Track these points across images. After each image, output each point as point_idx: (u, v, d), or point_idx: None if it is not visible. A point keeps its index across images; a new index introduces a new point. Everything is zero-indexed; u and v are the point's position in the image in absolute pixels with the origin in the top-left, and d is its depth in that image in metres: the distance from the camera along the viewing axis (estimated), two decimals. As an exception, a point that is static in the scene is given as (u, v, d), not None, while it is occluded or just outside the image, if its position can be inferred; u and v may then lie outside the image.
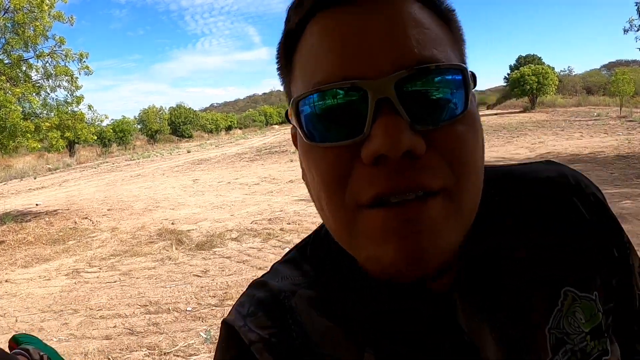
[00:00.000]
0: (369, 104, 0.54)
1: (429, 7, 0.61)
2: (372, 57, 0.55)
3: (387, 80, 0.53)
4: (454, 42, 0.64)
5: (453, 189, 0.55)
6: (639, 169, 13.75)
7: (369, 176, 0.54)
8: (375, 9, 0.57)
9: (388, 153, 0.52)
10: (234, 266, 7.56)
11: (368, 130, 0.54)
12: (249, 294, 0.75)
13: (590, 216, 0.76)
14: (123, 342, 5.09)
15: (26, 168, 37.61)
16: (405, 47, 0.55)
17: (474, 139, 0.59)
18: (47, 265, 8.86)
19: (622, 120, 32.48)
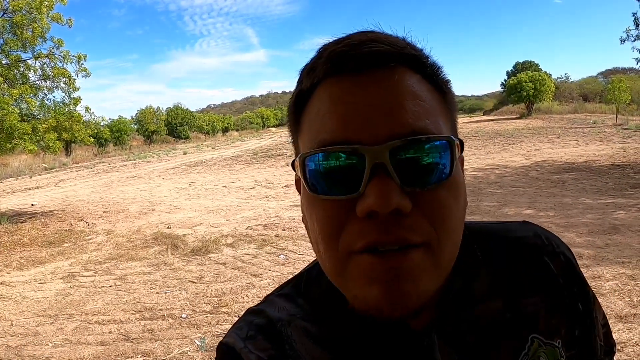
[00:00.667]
0: (365, 167, 0.62)
1: (427, 80, 0.70)
2: (371, 125, 0.63)
3: (383, 148, 0.62)
4: (447, 112, 0.73)
5: (433, 243, 0.64)
6: (634, 178, 13.79)
7: (361, 228, 0.63)
8: (378, 80, 0.66)
9: (379, 210, 0.60)
10: (229, 273, 7.60)
11: (363, 189, 0.62)
12: (246, 319, 0.83)
13: (558, 273, 0.85)
14: (118, 349, 5.13)
15: (22, 167, 37.47)
16: (401, 117, 0.64)
17: (455, 203, 0.67)
18: (43, 268, 8.88)
19: (618, 128, 32.51)
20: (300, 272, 0.91)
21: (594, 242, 7.70)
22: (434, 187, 0.64)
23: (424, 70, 0.70)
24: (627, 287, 5.72)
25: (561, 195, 11.96)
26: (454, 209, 0.67)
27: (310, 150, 0.68)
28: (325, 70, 0.69)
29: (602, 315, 0.94)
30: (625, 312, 5.02)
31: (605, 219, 9.13)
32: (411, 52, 0.69)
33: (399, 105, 0.64)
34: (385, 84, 0.66)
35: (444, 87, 0.73)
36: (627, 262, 6.59)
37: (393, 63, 0.67)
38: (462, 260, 0.75)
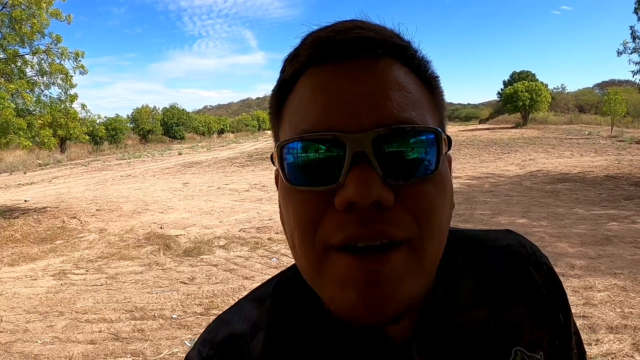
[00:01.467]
0: (346, 156, 0.59)
1: (415, 73, 0.68)
2: (354, 114, 0.61)
3: (366, 136, 0.59)
4: (434, 108, 0.70)
5: (416, 241, 0.61)
6: (628, 190, 13.84)
7: (340, 221, 0.59)
8: (362, 69, 0.63)
9: (358, 201, 0.57)
10: (221, 275, 7.59)
11: (343, 180, 0.59)
12: (212, 331, 0.80)
13: (542, 284, 0.84)
14: (108, 348, 5.11)
15: (16, 162, 37.35)
16: (385, 107, 0.61)
17: (441, 198, 0.64)
18: (34, 265, 8.85)
19: (612, 140, 32.64)
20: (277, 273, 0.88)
21: (587, 252, 7.72)
22: (419, 180, 0.62)
23: (411, 63, 0.68)
24: (618, 298, 5.73)
25: (555, 205, 12.00)
26: (440, 206, 0.64)
27: (289, 138, 0.65)
28: (309, 56, 0.66)
29: (574, 324, 0.92)
30: (617, 323, 5.03)
31: (598, 230, 9.16)
32: (399, 42, 0.67)
33: (385, 95, 0.62)
34: (371, 72, 0.63)
35: (432, 82, 0.71)
36: (619, 273, 6.61)
37: (380, 51, 0.64)
38: (444, 267, 0.73)
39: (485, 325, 0.77)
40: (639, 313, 5.25)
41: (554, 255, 7.68)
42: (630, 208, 11.35)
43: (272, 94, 0.74)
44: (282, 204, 0.71)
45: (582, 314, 5.30)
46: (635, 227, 9.35)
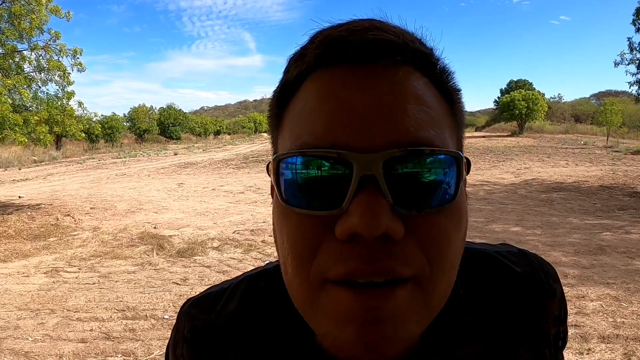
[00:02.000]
0: (352, 178, 0.51)
1: (436, 85, 0.60)
2: (365, 128, 0.53)
3: (377, 157, 0.51)
4: (454, 126, 0.62)
5: (425, 278, 0.54)
6: (622, 200, 13.88)
7: (340, 253, 0.52)
8: (378, 76, 0.55)
9: (363, 233, 0.49)
10: (214, 276, 7.57)
11: (347, 206, 0.51)
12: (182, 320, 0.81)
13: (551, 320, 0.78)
14: (99, 347, 5.09)
15: (11, 158, 37.22)
16: (402, 123, 0.53)
17: (455, 232, 0.57)
18: (27, 262, 8.81)
19: (608, 150, 32.71)
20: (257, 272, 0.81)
21: (580, 262, 7.73)
22: (433, 211, 0.53)
23: (432, 73, 0.60)
24: (611, 308, 5.73)
25: (549, 214, 12.01)
26: (454, 240, 0.56)
27: (288, 152, 0.56)
28: (317, 56, 0.58)
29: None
30: (609, 332, 5.03)
31: (592, 239, 9.17)
32: (421, 48, 0.59)
33: (401, 109, 0.54)
34: (388, 81, 0.55)
35: (453, 96, 0.63)
36: (612, 283, 6.62)
37: (399, 57, 0.56)
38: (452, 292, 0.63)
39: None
40: (631, 323, 5.26)
41: (548, 264, 7.69)
42: (624, 218, 11.38)
43: (272, 95, 0.66)
44: (275, 223, 0.62)
45: (574, 323, 5.30)
46: (629, 237, 9.36)
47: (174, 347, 0.80)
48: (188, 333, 0.77)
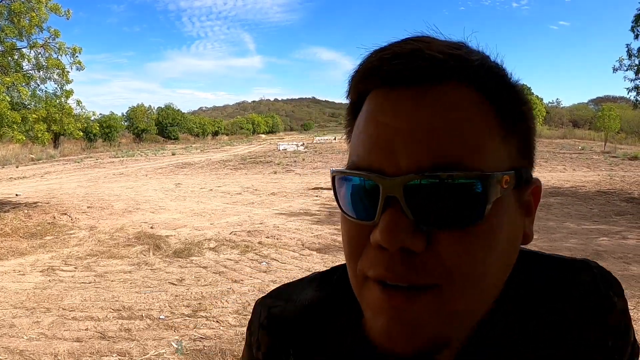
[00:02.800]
0: (379, 198, 0.57)
1: (488, 99, 0.60)
2: (392, 153, 0.57)
3: (397, 181, 0.55)
4: (509, 140, 0.61)
5: (445, 289, 0.57)
6: (619, 206, 13.91)
7: (373, 258, 0.58)
8: (414, 99, 0.57)
9: (385, 245, 0.55)
10: (210, 277, 7.56)
11: (377, 219, 0.57)
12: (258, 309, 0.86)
13: (609, 332, 0.73)
14: (94, 346, 5.08)
15: (9, 156, 37.23)
16: (427, 146, 0.55)
17: (482, 252, 0.58)
18: (23, 260, 8.80)
19: (605, 155, 32.80)
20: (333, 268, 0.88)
21: (576, 268, 7.74)
22: (455, 229, 0.56)
23: (482, 87, 0.60)
24: (606, 314, 5.74)
25: (546, 218, 12.02)
26: (480, 259, 0.57)
27: (340, 170, 0.64)
28: (367, 80, 0.62)
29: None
30: (603, 339, 5.04)
31: (589, 244, 9.19)
32: (465, 63, 0.59)
33: (428, 132, 0.56)
34: (423, 103, 0.57)
35: (512, 109, 0.63)
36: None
37: (441, 76, 0.58)
38: (511, 296, 0.69)
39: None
40: (627, 329, 5.27)
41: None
42: (621, 224, 11.40)
43: (347, 108, 0.70)
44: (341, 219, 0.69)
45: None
46: (626, 242, 9.38)
47: (249, 335, 0.87)
48: (264, 320, 0.83)
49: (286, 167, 29.37)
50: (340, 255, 8.75)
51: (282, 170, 27.63)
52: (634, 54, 17.72)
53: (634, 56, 17.78)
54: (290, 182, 21.78)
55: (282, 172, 26.62)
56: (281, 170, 27.27)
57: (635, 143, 47.03)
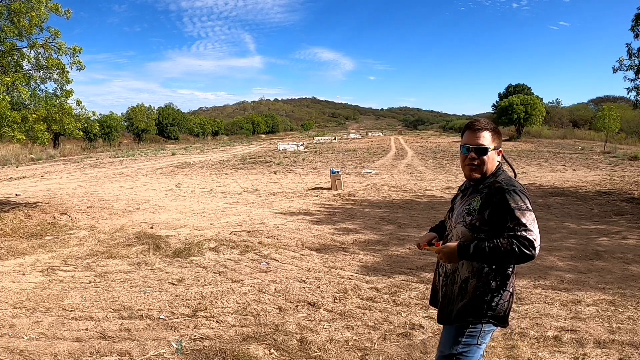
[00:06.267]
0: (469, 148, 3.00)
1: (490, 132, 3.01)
2: (471, 142, 2.99)
3: (472, 148, 2.98)
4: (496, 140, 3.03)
5: (482, 168, 2.99)
6: (619, 206, 13.92)
7: (467, 162, 3.01)
8: (475, 132, 2.99)
9: (469, 158, 3.00)
10: (210, 277, 7.56)
11: (468, 153, 3.00)
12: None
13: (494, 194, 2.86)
14: (94, 346, 5.07)
15: (9, 155, 37.22)
16: (478, 141, 2.97)
17: (490, 162, 3.00)
18: (23, 260, 8.79)
19: (605, 155, 32.80)
20: None
21: (576, 266, 7.75)
22: (483, 154, 2.95)
23: (492, 131, 3.04)
24: (607, 313, 5.74)
25: (546, 219, 12.03)
26: (491, 160, 2.97)
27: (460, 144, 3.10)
28: (465, 127, 3.09)
29: (513, 222, 2.69)
30: (604, 337, 5.03)
31: (589, 244, 9.19)
32: (489, 126, 3.01)
33: (479, 137, 2.96)
34: (477, 134, 2.97)
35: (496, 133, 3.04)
36: (607, 288, 6.63)
37: (481, 128, 2.99)
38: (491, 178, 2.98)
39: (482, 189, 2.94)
40: (627, 328, 5.26)
41: (544, 268, 7.69)
42: (621, 224, 11.40)
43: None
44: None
45: (570, 327, 5.30)
46: (626, 242, 9.39)
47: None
48: None
49: (286, 167, 29.38)
50: (339, 255, 8.76)
51: (282, 170, 27.63)
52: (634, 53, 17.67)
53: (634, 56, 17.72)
54: (290, 182, 21.80)
55: (282, 172, 26.65)
56: (281, 170, 27.29)
57: (635, 143, 47.01)
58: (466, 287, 2.86)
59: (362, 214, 13.10)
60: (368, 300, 6.38)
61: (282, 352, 4.88)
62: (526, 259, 2.61)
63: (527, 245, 2.57)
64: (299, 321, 5.69)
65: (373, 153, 41.14)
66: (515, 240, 2.59)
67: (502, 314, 2.83)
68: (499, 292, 2.81)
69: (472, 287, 2.83)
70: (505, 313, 2.86)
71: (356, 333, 5.32)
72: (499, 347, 4.86)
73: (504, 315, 2.85)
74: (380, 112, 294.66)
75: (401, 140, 65.48)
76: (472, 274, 2.84)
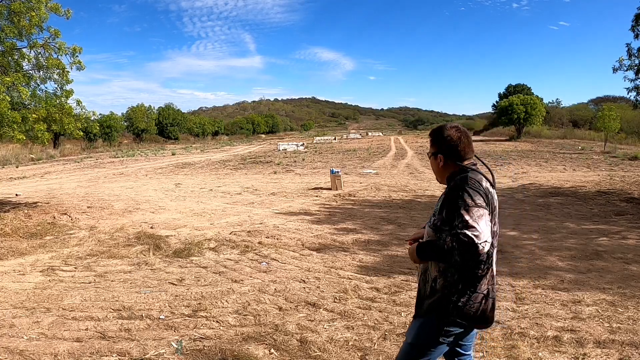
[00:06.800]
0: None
1: (429, 137, 3.17)
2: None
3: (430, 151, 3.14)
4: (434, 146, 3.08)
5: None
6: (619, 206, 13.91)
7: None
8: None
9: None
10: (210, 277, 7.56)
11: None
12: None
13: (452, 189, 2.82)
14: (94, 346, 5.06)
15: (9, 155, 37.22)
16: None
17: (435, 165, 3.09)
18: (23, 260, 8.79)
19: (605, 155, 32.78)
20: None
21: (577, 266, 7.74)
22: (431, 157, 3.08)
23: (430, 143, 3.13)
24: (607, 313, 5.74)
25: (546, 218, 12.03)
26: (433, 167, 3.11)
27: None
28: None
29: (458, 220, 2.62)
30: (604, 337, 5.03)
31: (589, 244, 9.19)
32: (430, 134, 3.11)
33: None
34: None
35: (433, 138, 3.08)
36: (607, 288, 6.62)
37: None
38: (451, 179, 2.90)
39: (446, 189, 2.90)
40: (627, 328, 5.26)
41: (544, 268, 7.69)
42: (621, 224, 11.40)
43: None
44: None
45: (570, 327, 5.30)
46: (626, 242, 9.38)
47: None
48: None
49: (286, 167, 29.38)
50: (339, 254, 8.76)
51: (282, 170, 27.63)
52: (634, 53, 17.65)
53: (634, 56, 17.70)
54: (290, 182, 21.80)
55: (282, 172, 26.64)
56: (281, 170, 27.29)
57: (635, 143, 46.94)
58: (435, 286, 2.86)
59: (362, 214, 13.10)
60: (368, 300, 6.38)
61: (282, 352, 4.88)
62: (470, 256, 2.57)
63: (466, 242, 2.51)
64: (299, 321, 5.69)
65: (373, 153, 41.13)
66: (456, 238, 2.56)
67: (471, 315, 2.79)
68: (466, 292, 2.77)
69: (440, 286, 2.83)
70: (478, 314, 2.80)
71: (356, 333, 5.32)
72: (499, 347, 4.86)
73: (475, 317, 2.80)
74: (380, 112, 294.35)
75: (401, 140, 65.47)
76: (440, 274, 2.84)
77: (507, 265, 7.83)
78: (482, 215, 2.62)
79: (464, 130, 3.04)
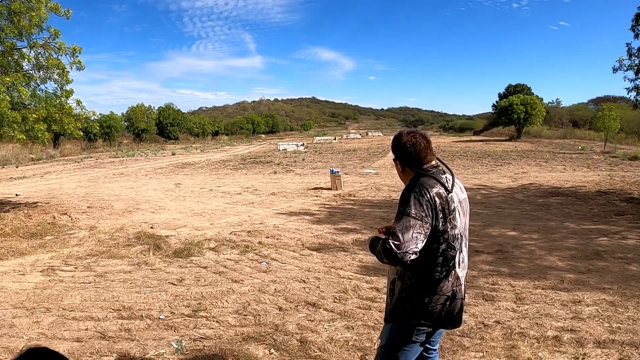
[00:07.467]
0: None
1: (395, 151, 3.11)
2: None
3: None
4: (395, 152, 3.03)
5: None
6: (619, 206, 13.89)
7: None
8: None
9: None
10: (210, 277, 7.56)
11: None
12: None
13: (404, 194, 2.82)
14: (94, 346, 5.06)
15: (9, 155, 37.20)
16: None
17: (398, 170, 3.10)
18: (23, 260, 8.79)
19: (605, 155, 32.75)
20: None
21: (577, 266, 7.74)
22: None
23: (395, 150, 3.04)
24: (607, 313, 5.74)
25: (546, 218, 12.03)
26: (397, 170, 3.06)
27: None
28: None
29: (396, 224, 2.68)
30: (604, 337, 5.03)
31: (589, 244, 9.18)
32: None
33: None
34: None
35: (393, 145, 3.02)
36: (607, 288, 6.62)
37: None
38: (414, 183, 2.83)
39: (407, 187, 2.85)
40: (627, 328, 5.26)
41: (544, 268, 7.69)
42: (621, 224, 11.40)
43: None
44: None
45: (570, 327, 5.30)
46: (626, 242, 9.38)
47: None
48: None
49: (286, 167, 29.37)
50: (339, 254, 8.76)
51: (282, 170, 27.62)
52: (634, 53, 17.65)
53: (634, 56, 17.70)
54: (290, 182, 21.79)
55: (282, 172, 26.64)
56: (281, 170, 27.28)
57: (635, 143, 46.94)
58: (394, 288, 2.95)
59: (362, 214, 13.10)
60: (368, 300, 6.38)
61: (282, 352, 4.88)
62: (393, 262, 2.72)
63: (388, 249, 2.63)
64: (299, 321, 5.69)
65: (373, 153, 41.12)
66: (381, 243, 2.71)
67: (435, 316, 2.82)
68: (426, 294, 2.80)
69: (398, 288, 2.91)
70: (443, 315, 2.84)
71: (356, 333, 5.32)
72: (499, 347, 4.86)
73: (440, 318, 2.84)
74: (380, 112, 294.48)
75: (401, 140, 65.33)
76: (398, 276, 2.92)
77: (507, 265, 7.83)
78: (412, 226, 2.65)
79: (420, 135, 2.96)
